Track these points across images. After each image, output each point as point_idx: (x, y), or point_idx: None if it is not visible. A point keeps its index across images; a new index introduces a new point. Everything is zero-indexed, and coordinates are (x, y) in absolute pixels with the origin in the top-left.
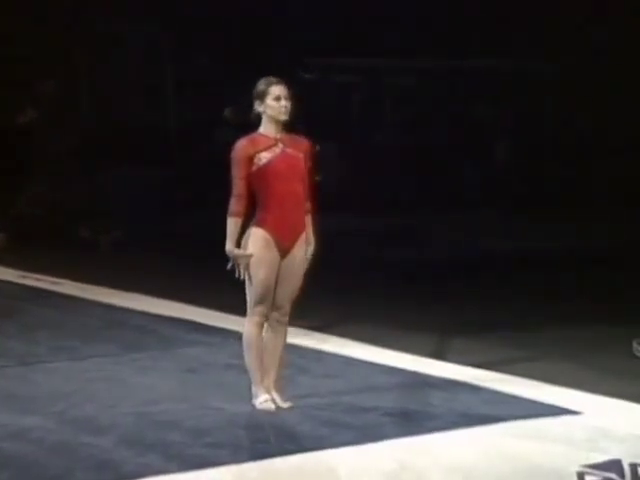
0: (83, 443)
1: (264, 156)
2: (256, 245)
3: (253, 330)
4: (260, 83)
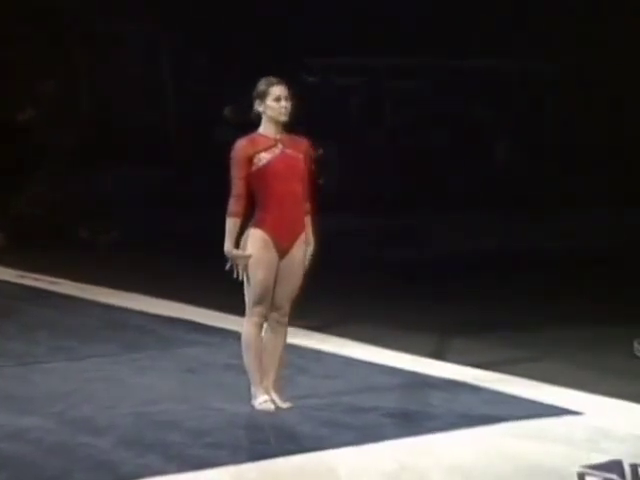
0: (82, 443)
1: (264, 156)
2: (255, 246)
3: (252, 331)
4: (260, 83)
